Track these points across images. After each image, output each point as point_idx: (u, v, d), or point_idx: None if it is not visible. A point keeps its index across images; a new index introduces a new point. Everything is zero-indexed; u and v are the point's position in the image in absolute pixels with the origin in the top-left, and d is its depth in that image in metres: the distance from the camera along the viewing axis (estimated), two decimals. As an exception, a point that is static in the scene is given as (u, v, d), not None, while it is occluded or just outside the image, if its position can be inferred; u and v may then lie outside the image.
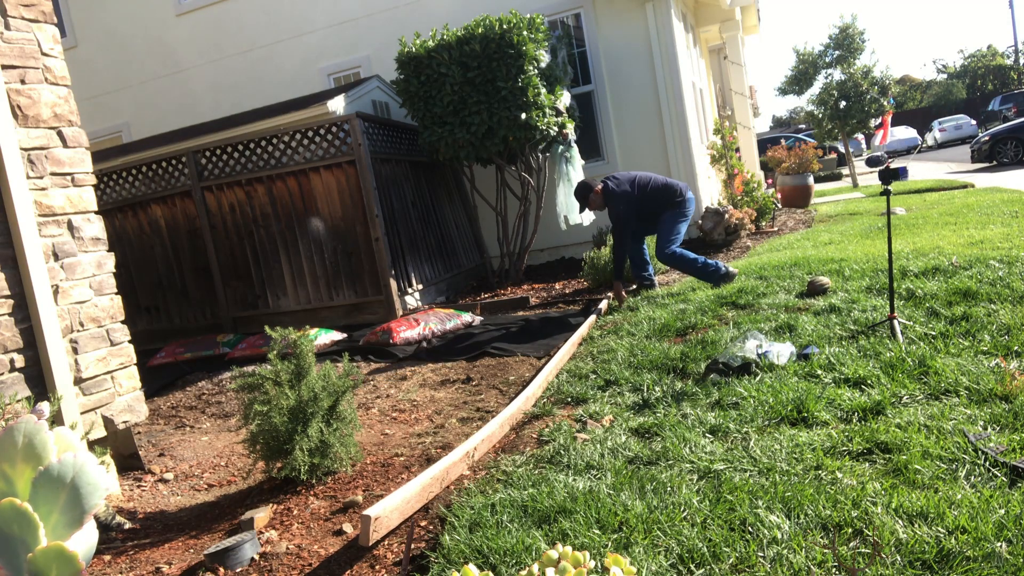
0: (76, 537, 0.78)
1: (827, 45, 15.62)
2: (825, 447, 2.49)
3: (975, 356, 3.18)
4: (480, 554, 2.11)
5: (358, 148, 6.22)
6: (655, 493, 2.32)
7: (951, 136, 30.61)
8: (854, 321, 4.00)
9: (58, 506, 0.78)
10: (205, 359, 6.16)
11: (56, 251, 3.31)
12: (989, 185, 11.27)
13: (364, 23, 9.51)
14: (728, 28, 11.49)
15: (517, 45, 6.74)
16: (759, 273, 5.65)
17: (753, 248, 7.82)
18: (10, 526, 0.75)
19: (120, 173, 7.12)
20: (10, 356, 3.06)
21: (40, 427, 0.81)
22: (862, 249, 6.19)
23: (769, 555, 1.86)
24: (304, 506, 2.82)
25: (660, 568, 1.89)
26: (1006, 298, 3.90)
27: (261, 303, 6.78)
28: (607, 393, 3.59)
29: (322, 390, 3.03)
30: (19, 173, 3.12)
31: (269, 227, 6.66)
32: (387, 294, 6.31)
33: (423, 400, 4.20)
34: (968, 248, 5.33)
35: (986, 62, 44.75)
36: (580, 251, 8.20)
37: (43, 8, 3.41)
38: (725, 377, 3.46)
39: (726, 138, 10.03)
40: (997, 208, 7.59)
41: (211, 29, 10.32)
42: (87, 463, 0.79)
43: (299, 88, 9.58)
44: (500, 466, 2.85)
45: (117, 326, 3.56)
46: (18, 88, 3.23)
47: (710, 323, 4.55)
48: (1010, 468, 2.12)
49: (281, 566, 2.36)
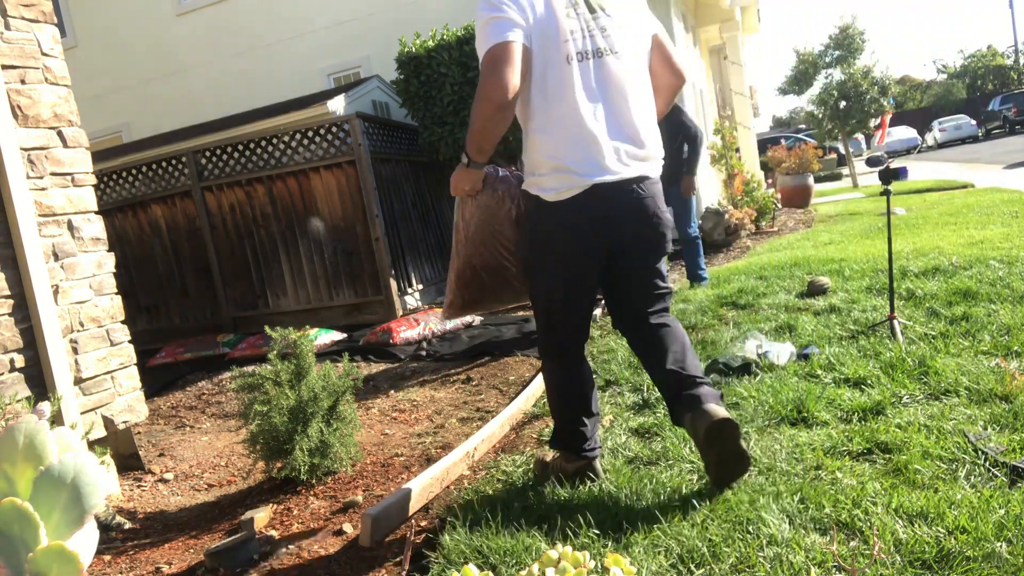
0: (77, 537, 0.79)
1: (827, 45, 15.64)
2: (825, 447, 2.49)
3: (975, 356, 3.18)
4: (480, 554, 2.11)
5: (358, 148, 6.22)
6: (655, 493, 2.32)
7: (951, 136, 30.60)
8: (854, 321, 4.00)
9: (59, 506, 0.78)
10: (205, 359, 6.16)
11: (56, 251, 3.31)
12: (989, 185, 11.27)
13: (364, 23, 9.51)
14: (728, 28, 11.50)
15: (517, 45, 6.73)
16: (759, 273, 5.65)
17: (753, 248, 7.82)
18: (11, 526, 0.75)
19: (120, 173, 7.12)
20: (10, 356, 3.06)
21: (41, 427, 0.81)
22: (862, 249, 6.19)
23: (769, 555, 1.86)
24: (304, 506, 2.82)
25: (660, 568, 1.89)
26: (1006, 298, 3.90)
27: (261, 303, 6.78)
28: (607, 393, 3.59)
29: (322, 390, 3.03)
30: (19, 173, 3.12)
31: (269, 227, 6.66)
32: (387, 294, 6.31)
33: (423, 400, 4.20)
34: (968, 248, 5.33)
35: (986, 62, 44.75)
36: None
37: (43, 8, 3.41)
38: (725, 377, 3.46)
39: (726, 138, 10.04)
40: (997, 208, 7.59)
41: (211, 29, 10.32)
42: (87, 463, 0.79)
43: (299, 88, 9.58)
44: (500, 466, 2.85)
45: (117, 326, 3.56)
46: (18, 88, 3.23)
47: (710, 323, 4.55)
48: (1010, 468, 2.12)
49: (281, 566, 2.36)
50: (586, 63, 2.23)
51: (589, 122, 2.21)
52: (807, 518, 2.02)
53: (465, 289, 2.59)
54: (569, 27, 2.21)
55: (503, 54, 2.13)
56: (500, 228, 2.48)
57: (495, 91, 2.12)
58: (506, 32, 2.14)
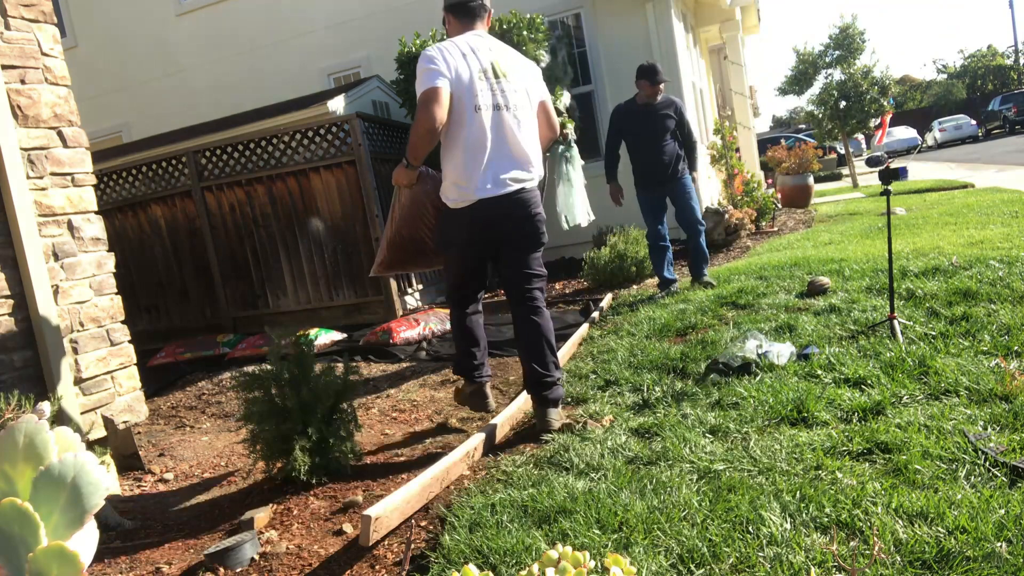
0: (77, 537, 0.78)
1: (827, 45, 15.61)
2: (825, 447, 2.49)
3: (975, 356, 3.18)
4: (480, 554, 2.11)
5: (358, 148, 6.22)
6: (655, 493, 2.32)
7: (951, 136, 30.60)
8: (854, 321, 4.00)
9: (59, 506, 0.78)
10: (205, 359, 6.16)
11: (56, 251, 3.31)
12: (989, 185, 11.27)
13: (364, 23, 9.51)
14: (728, 28, 11.49)
15: (517, 45, 6.73)
16: (759, 273, 5.65)
17: (753, 248, 7.82)
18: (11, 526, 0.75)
19: (120, 173, 7.12)
20: (10, 356, 3.06)
21: (41, 427, 0.81)
22: (862, 249, 6.19)
23: (769, 555, 1.86)
24: (304, 506, 2.82)
25: (660, 568, 1.89)
26: (1006, 298, 3.90)
27: (261, 303, 6.78)
28: (607, 393, 3.59)
29: (322, 390, 3.02)
30: (19, 173, 3.12)
31: (269, 227, 6.66)
32: (387, 294, 6.31)
33: (423, 400, 4.20)
34: (968, 248, 5.33)
35: (986, 62, 44.75)
36: (580, 251, 8.20)
37: (43, 8, 3.41)
38: (725, 377, 3.46)
39: (726, 138, 10.03)
40: (997, 208, 7.59)
41: (211, 29, 10.32)
42: (87, 463, 0.79)
43: (299, 88, 9.58)
44: (500, 466, 2.85)
45: (117, 326, 3.56)
46: (18, 88, 3.23)
47: (710, 323, 4.55)
48: (1010, 468, 2.12)
49: (281, 566, 2.36)
50: (488, 112, 3.06)
51: (481, 154, 3.06)
52: (807, 518, 2.02)
53: (394, 252, 3.54)
54: (479, 87, 3.05)
55: (434, 95, 2.96)
56: (423, 212, 3.42)
57: (426, 121, 2.96)
58: (436, 79, 2.98)
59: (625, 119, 5.73)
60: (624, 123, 5.73)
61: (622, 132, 5.76)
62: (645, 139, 5.65)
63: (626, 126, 5.73)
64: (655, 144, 5.63)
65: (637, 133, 5.68)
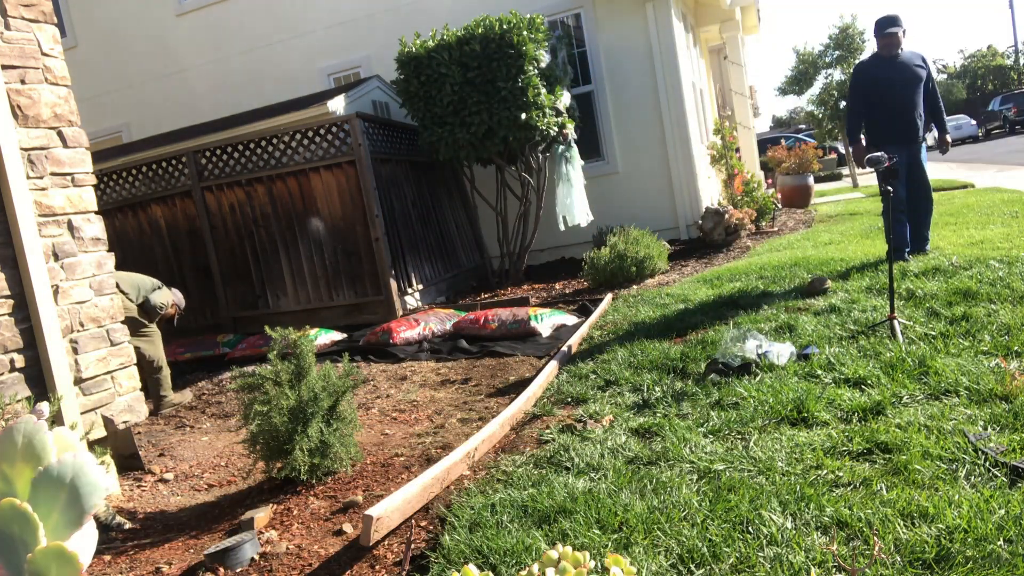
0: (76, 537, 0.78)
1: (827, 45, 15.61)
2: (825, 447, 2.49)
3: (975, 356, 3.18)
4: (480, 554, 2.11)
5: (358, 148, 6.22)
6: (655, 493, 2.32)
7: (951, 136, 30.59)
8: (854, 321, 4.00)
9: (58, 506, 0.78)
10: (205, 359, 6.16)
11: (56, 251, 3.31)
12: (989, 185, 11.26)
13: (364, 23, 9.51)
14: (728, 28, 11.49)
15: (517, 45, 6.74)
16: (759, 273, 5.66)
17: (753, 248, 7.82)
18: (10, 526, 0.75)
19: (120, 173, 7.12)
20: (10, 356, 3.06)
21: (40, 427, 0.81)
22: (862, 249, 6.19)
23: (769, 555, 1.86)
24: (304, 506, 2.82)
25: (660, 568, 1.89)
26: (1006, 298, 3.90)
27: (261, 303, 6.78)
28: (607, 393, 3.59)
29: (322, 390, 3.02)
30: (19, 173, 3.12)
31: (269, 227, 6.66)
32: (387, 294, 6.31)
33: (423, 400, 4.20)
34: (968, 248, 5.33)
35: (986, 62, 44.74)
36: (580, 251, 8.20)
37: (43, 8, 3.41)
38: (725, 377, 3.46)
39: (726, 138, 10.03)
40: (997, 208, 7.59)
41: (211, 29, 10.32)
42: (87, 463, 0.79)
43: (299, 88, 9.58)
44: (500, 466, 2.85)
45: (117, 326, 3.56)
46: (18, 88, 3.23)
47: (710, 323, 4.55)
48: (1010, 468, 2.12)
49: (281, 566, 2.36)
50: None
51: None
52: (807, 518, 2.02)
53: None
54: None
55: None
56: None
57: None
58: None
59: (874, 72, 5.33)
60: (874, 74, 5.32)
61: (871, 85, 5.35)
62: (898, 93, 5.26)
63: (880, 74, 5.30)
64: (909, 100, 5.25)
65: (891, 84, 5.26)
